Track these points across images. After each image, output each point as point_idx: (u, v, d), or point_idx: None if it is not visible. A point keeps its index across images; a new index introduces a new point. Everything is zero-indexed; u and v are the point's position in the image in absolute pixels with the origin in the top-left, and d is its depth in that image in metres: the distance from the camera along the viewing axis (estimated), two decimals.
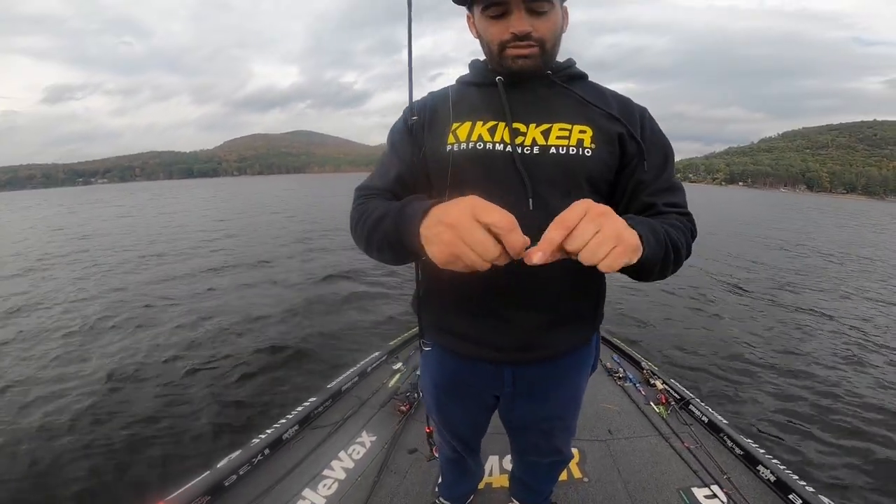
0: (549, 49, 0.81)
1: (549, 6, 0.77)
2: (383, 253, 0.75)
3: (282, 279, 7.07)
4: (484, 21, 0.80)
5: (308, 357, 4.04)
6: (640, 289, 6.27)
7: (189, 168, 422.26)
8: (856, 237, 17.18)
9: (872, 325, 5.56)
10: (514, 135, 0.82)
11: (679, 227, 0.78)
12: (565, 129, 0.82)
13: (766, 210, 32.98)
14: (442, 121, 0.88)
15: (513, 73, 0.82)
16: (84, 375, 3.64)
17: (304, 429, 1.96)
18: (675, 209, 0.83)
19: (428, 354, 1.05)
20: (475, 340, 0.92)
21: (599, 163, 0.82)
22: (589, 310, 0.96)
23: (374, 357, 2.58)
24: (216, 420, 3.00)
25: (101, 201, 37.97)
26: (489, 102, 0.85)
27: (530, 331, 0.89)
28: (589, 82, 0.91)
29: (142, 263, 8.60)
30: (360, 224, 0.79)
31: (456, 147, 0.83)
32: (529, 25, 0.76)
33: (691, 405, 2.17)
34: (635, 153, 0.84)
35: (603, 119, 0.84)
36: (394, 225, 0.68)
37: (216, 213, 20.38)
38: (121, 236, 13.15)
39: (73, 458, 2.60)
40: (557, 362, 0.95)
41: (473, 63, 0.93)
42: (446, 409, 1.12)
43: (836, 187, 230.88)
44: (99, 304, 5.79)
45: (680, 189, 0.87)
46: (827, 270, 9.34)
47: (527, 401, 1.01)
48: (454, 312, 0.93)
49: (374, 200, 0.83)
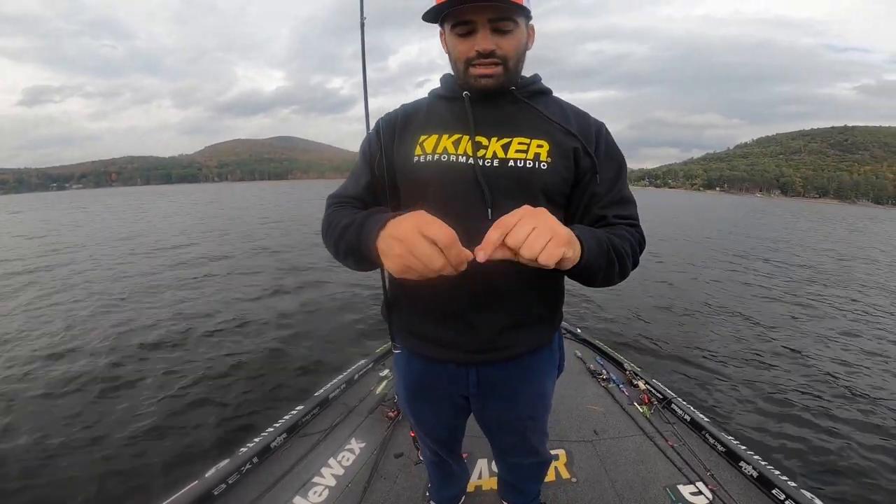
0: (511, 67, 0.85)
1: (514, 25, 0.81)
2: (348, 260, 0.82)
3: (255, 286, 7.04)
4: (453, 38, 0.84)
5: (293, 365, 4.01)
6: (623, 294, 6.41)
7: (168, 173, 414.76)
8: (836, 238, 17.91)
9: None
10: (476, 148, 0.86)
11: (625, 237, 0.84)
12: (524, 143, 0.87)
13: (744, 216, 33.82)
14: (412, 133, 0.93)
15: (477, 90, 0.87)
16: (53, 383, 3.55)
17: (292, 437, 1.94)
18: (625, 221, 0.89)
19: (398, 357, 1.10)
20: (440, 343, 0.96)
21: (555, 175, 0.86)
22: (548, 312, 1.00)
23: (360, 364, 2.58)
24: (201, 430, 2.95)
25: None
26: (456, 116, 0.90)
27: (492, 333, 0.93)
28: (552, 98, 0.96)
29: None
30: (329, 232, 0.85)
31: (422, 158, 0.88)
32: (493, 44, 0.81)
33: (673, 404, 2.22)
34: (589, 168, 0.89)
35: (560, 134, 0.88)
36: (356, 236, 0.74)
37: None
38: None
39: (49, 476, 2.53)
40: (520, 362, 0.99)
41: (445, 77, 0.97)
42: (418, 411, 1.14)
43: (810, 191, 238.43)
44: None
45: (631, 202, 0.93)
46: (803, 271, 9.70)
47: (495, 401, 1.05)
48: (420, 317, 0.97)
49: (343, 209, 0.89)
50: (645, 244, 0.90)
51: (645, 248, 0.90)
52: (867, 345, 5.01)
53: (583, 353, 2.84)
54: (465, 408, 1.12)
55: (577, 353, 2.83)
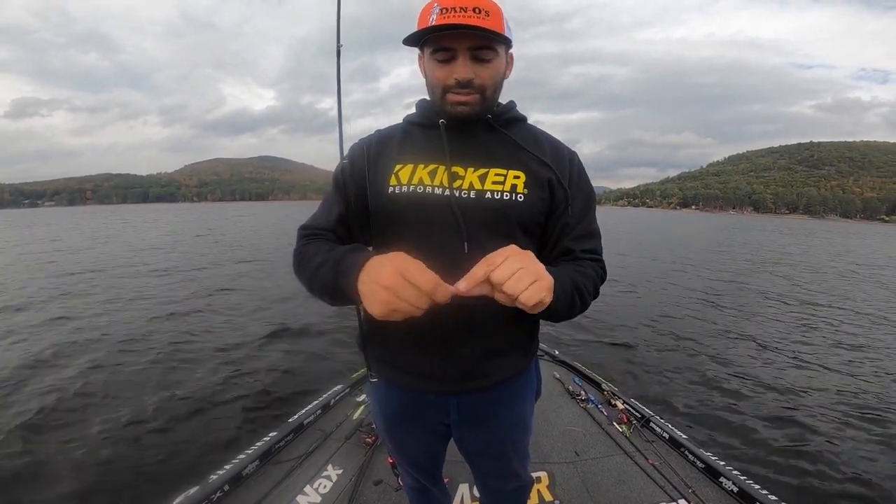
0: (488, 95, 0.85)
1: (493, 54, 0.81)
2: (324, 297, 0.81)
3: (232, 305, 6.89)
4: (432, 64, 0.83)
5: (266, 389, 3.89)
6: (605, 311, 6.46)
7: (145, 192, 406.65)
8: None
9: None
10: (453, 179, 0.85)
11: (590, 276, 0.86)
12: (500, 174, 0.86)
13: (725, 234, 34.73)
14: (386, 161, 0.90)
15: (452, 118, 0.86)
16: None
17: (265, 463, 1.88)
18: (591, 255, 0.91)
19: (375, 387, 1.07)
20: (420, 374, 0.94)
21: (531, 207, 0.86)
22: (525, 340, 1.00)
23: (336, 390, 2.53)
24: (169, 455, 2.82)
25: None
26: (432, 145, 0.89)
27: (470, 363, 0.92)
28: (527, 125, 0.96)
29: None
30: (301, 267, 0.83)
31: (398, 189, 0.87)
32: (472, 72, 0.80)
33: (652, 422, 2.23)
34: (562, 199, 0.89)
35: (536, 165, 0.88)
36: (332, 275, 0.74)
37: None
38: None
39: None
40: (499, 389, 0.98)
41: (420, 103, 0.96)
42: (398, 440, 1.12)
43: (780, 207, 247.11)
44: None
45: (597, 235, 0.95)
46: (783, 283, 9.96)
47: (475, 428, 1.03)
48: (397, 348, 0.95)
49: (314, 243, 0.87)
50: (606, 277, 0.93)
51: (606, 279, 0.93)
52: (847, 356, 5.15)
53: (561, 375, 2.84)
54: (446, 434, 1.10)
55: (555, 375, 2.83)
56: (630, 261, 13.74)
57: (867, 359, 5.08)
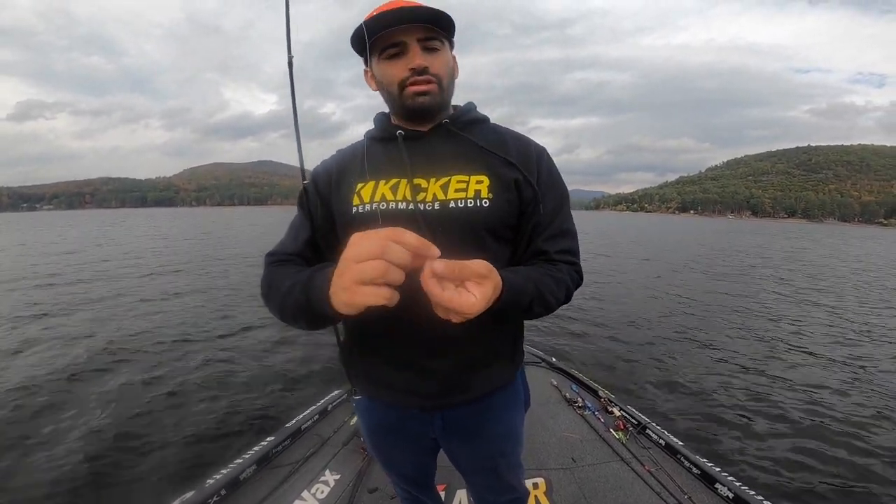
0: (445, 86, 0.84)
1: (441, 45, 0.82)
2: (298, 322, 0.76)
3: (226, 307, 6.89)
4: (382, 65, 0.82)
5: (263, 394, 3.89)
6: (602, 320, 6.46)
7: (143, 196, 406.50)
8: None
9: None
10: (416, 191, 0.83)
11: (562, 281, 0.84)
12: (462, 180, 0.83)
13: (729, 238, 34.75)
14: (348, 181, 0.88)
15: (414, 111, 0.84)
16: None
17: (262, 468, 1.88)
18: (565, 258, 0.87)
19: (359, 403, 1.05)
20: (401, 390, 0.93)
21: (497, 211, 0.83)
22: (507, 350, 0.98)
23: (334, 395, 2.53)
24: (165, 459, 2.81)
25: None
26: (391, 159, 0.86)
27: (453, 376, 0.90)
28: (489, 125, 0.94)
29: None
30: (271, 294, 0.80)
31: (361, 208, 0.84)
32: (426, 61, 0.80)
33: (648, 429, 2.24)
34: (531, 198, 0.86)
35: (500, 165, 0.85)
36: (304, 295, 0.69)
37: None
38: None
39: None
40: (484, 402, 0.97)
41: (378, 116, 0.94)
42: (384, 453, 1.11)
43: (779, 212, 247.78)
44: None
45: (572, 234, 0.91)
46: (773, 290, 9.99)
47: (462, 442, 1.02)
48: (377, 366, 0.94)
49: (282, 268, 0.83)
50: (582, 281, 0.90)
51: (582, 284, 0.90)
52: (842, 362, 5.16)
53: (558, 382, 2.85)
54: (434, 447, 1.08)
55: (552, 382, 2.83)
56: (626, 265, 13.78)
57: (867, 365, 5.06)
